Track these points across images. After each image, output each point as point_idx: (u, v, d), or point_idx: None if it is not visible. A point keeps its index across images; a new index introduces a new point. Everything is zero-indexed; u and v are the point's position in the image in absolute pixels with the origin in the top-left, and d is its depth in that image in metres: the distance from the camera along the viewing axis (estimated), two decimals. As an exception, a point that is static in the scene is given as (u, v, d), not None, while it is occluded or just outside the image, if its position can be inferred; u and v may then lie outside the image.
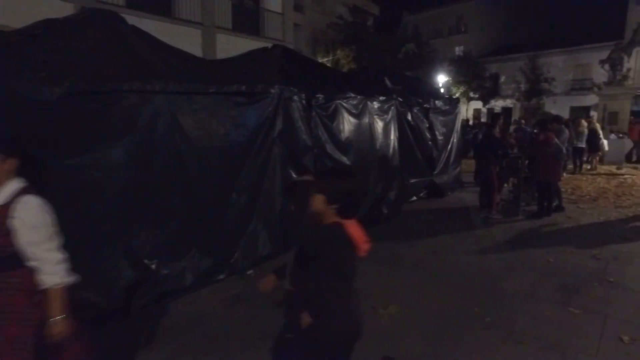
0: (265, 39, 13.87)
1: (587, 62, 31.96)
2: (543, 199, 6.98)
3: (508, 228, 6.48)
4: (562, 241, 5.76)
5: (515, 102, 35.11)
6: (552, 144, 6.74)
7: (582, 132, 11.62)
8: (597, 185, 10.00)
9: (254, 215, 5.07)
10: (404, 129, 7.86)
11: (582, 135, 11.66)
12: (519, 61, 34.00)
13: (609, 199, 8.53)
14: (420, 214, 7.53)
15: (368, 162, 6.85)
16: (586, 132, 11.74)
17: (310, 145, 5.78)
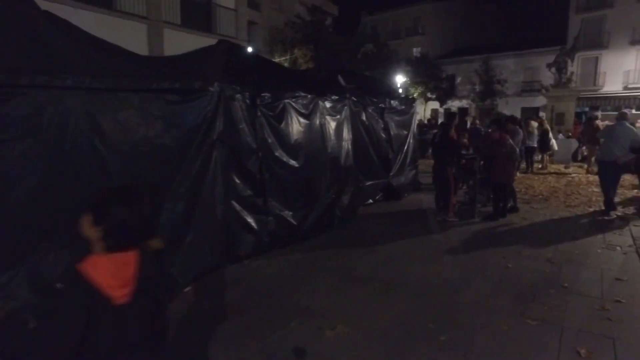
0: (217, 35, 13.25)
1: (535, 66, 33.29)
2: (498, 201, 6.88)
3: (465, 231, 6.31)
4: (517, 244, 5.63)
5: (471, 103, 36.05)
6: (506, 144, 6.64)
7: (532, 132, 11.83)
8: (548, 185, 10.16)
9: (192, 225, 4.57)
10: (358, 130, 7.57)
11: (533, 135, 11.88)
12: (473, 63, 34.95)
13: (560, 198, 8.62)
14: (376, 218, 7.27)
15: (320, 165, 6.49)
16: (537, 132, 11.99)
17: (255, 147, 5.35)
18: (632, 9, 30.71)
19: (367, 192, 7.93)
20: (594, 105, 30.80)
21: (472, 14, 44.54)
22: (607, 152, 7.48)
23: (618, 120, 7.74)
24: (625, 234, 6.10)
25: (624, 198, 8.32)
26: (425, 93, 35.85)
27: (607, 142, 7.51)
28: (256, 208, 5.41)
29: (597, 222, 6.81)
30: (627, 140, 7.31)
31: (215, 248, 4.81)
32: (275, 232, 5.61)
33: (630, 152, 7.36)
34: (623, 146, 7.31)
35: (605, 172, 7.60)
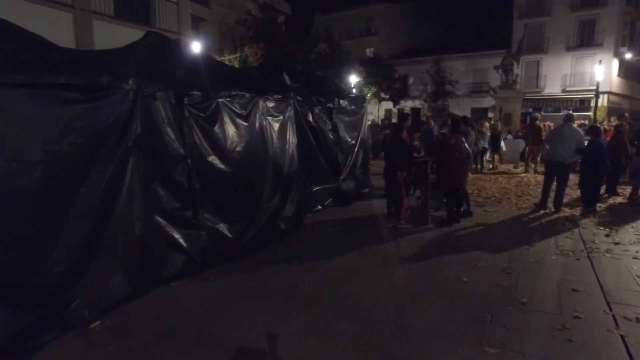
0: (157, 30, 12.25)
1: (484, 68, 34.27)
2: (452, 205, 6.57)
3: (418, 240, 5.94)
4: (473, 253, 5.31)
5: (423, 103, 36.60)
6: (462, 148, 6.33)
7: (485, 132, 11.84)
8: (500, 186, 10.11)
9: (101, 247, 3.84)
10: (303, 131, 7.04)
11: (485, 136, 11.89)
12: (425, 64, 35.53)
13: (512, 199, 8.52)
14: (324, 227, 6.77)
15: (260, 171, 5.90)
16: (489, 133, 12.01)
17: (183, 153, 4.68)
18: (566, 17, 32.48)
19: (315, 198, 7.42)
20: (537, 106, 32.17)
21: (423, 16, 45.36)
22: (554, 153, 7.43)
23: (565, 122, 7.72)
24: (575, 237, 5.96)
25: (570, 199, 8.32)
26: (379, 93, 36.03)
27: (554, 143, 7.45)
28: (185, 222, 4.74)
29: (548, 224, 6.67)
30: (573, 141, 7.28)
31: (133, 272, 4.11)
32: (209, 249, 4.96)
33: (576, 154, 7.34)
34: (570, 147, 7.27)
35: (551, 173, 7.55)
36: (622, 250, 5.35)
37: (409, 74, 38.55)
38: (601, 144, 7.51)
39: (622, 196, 8.79)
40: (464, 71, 35.83)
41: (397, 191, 6.39)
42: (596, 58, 30.89)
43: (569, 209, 7.58)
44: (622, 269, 4.73)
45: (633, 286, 4.26)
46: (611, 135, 9.74)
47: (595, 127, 8.16)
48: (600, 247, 5.46)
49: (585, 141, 7.72)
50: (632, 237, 5.91)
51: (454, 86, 33.91)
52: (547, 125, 24.32)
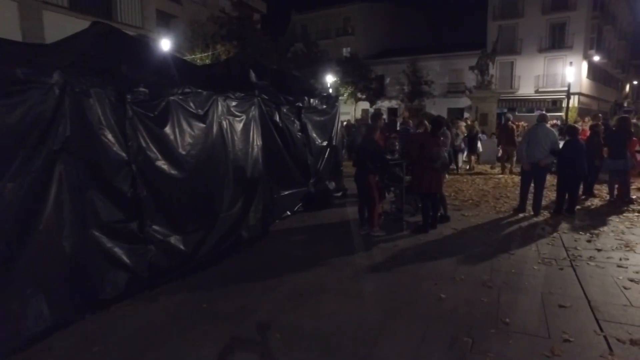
0: (118, 24, 11.49)
1: (459, 68, 34.40)
2: (427, 210, 6.17)
3: (391, 249, 5.51)
4: (450, 263, 4.92)
5: (400, 103, 36.51)
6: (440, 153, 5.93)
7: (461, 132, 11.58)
8: (477, 187, 9.82)
9: (16, 270, 3.25)
10: (269, 132, 6.54)
11: (460, 136, 11.62)
12: (401, 64, 35.46)
13: (490, 202, 8.21)
14: (292, 235, 6.28)
15: (220, 176, 5.36)
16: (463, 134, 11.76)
17: (126, 158, 4.11)
18: (538, 20, 32.98)
19: (283, 204, 6.92)
20: (511, 106, 32.50)
21: (399, 16, 45.39)
22: (529, 154, 7.14)
23: (539, 122, 7.44)
24: (557, 243, 5.64)
25: (548, 201, 8.07)
26: (355, 93, 35.75)
27: (528, 144, 7.16)
28: (130, 236, 4.17)
29: (528, 229, 6.35)
30: (548, 142, 7.02)
31: (60, 297, 3.53)
32: (158, 265, 4.40)
33: (551, 155, 7.07)
34: (544, 148, 7.00)
35: (528, 175, 7.27)
36: (605, 258, 5.04)
37: (386, 74, 38.42)
38: (580, 144, 7.27)
39: (598, 197, 8.60)
40: (440, 71, 35.93)
41: (369, 196, 5.95)
42: (567, 60, 31.41)
43: (548, 212, 7.30)
44: (608, 279, 4.41)
45: (621, 300, 3.92)
46: (587, 136, 9.56)
47: (573, 127, 7.91)
48: (582, 255, 5.14)
49: (562, 142, 7.49)
50: (614, 243, 5.63)
51: (430, 86, 33.95)
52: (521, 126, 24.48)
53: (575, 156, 6.97)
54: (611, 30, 38.52)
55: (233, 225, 5.55)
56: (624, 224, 6.53)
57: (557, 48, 32.86)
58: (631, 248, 5.39)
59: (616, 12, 39.50)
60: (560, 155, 7.09)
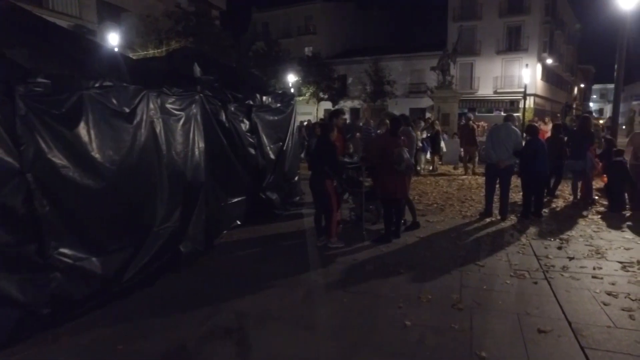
0: (51, 12, 10.35)
1: (421, 68, 34.59)
2: (390, 218, 5.64)
3: (350, 263, 4.92)
4: (416, 278, 4.39)
5: (362, 103, 36.31)
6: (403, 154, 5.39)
7: (422, 132, 11.23)
8: (442, 190, 9.45)
9: None
10: (214, 133, 5.81)
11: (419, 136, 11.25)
12: (364, 64, 35.26)
13: (455, 206, 7.81)
14: (240, 248, 5.58)
15: (149, 184, 4.60)
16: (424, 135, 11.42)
17: (18, 166, 3.29)
18: (495, 22, 33.74)
19: (231, 213, 6.20)
20: (471, 107, 33.01)
21: (362, 16, 45.33)
22: (491, 154, 6.79)
23: (505, 122, 7.11)
24: (527, 251, 5.25)
25: (515, 203, 7.77)
26: (318, 93, 35.28)
27: (493, 145, 6.79)
28: (23, 263, 3.35)
29: (496, 235, 5.95)
30: (510, 142, 6.68)
31: None
32: (67, 296, 3.60)
33: (513, 156, 6.73)
34: (507, 149, 6.67)
35: (493, 177, 6.91)
36: (578, 267, 4.67)
37: (348, 74, 38.15)
38: (541, 144, 6.97)
39: (562, 198, 8.42)
40: (402, 71, 36.04)
41: (326, 204, 5.35)
42: (523, 62, 32.29)
43: (514, 215, 6.96)
44: (585, 293, 4.00)
45: (603, 319, 3.50)
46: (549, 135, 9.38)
47: (533, 126, 7.63)
48: (555, 264, 4.75)
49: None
50: (584, 249, 5.30)
51: (393, 86, 33.97)
52: (481, 126, 24.73)
53: (537, 156, 6.66)
54: (561, 35, 40.04)
55: (169, 240, 4.79)
56: (590, 228, 6.27)
57: (513, 50, 33.68)
58: (602, 255, 5.07)
59: (564, 18, 41.10)
60: (522, 156, 6.76)
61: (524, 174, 6.83)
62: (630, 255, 5.03)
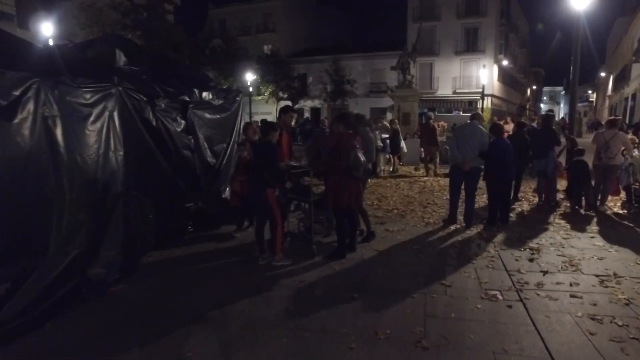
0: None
1: (381, 68, 34.43)
2: (344, 231, 4.93)
3: (296, 286, 4.17)
4: (372, 307, 3.68)
5: (323, 103, 35.75)
6: (355, 156, 4.69)
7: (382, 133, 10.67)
8: (402, 193, 8.87)
9: None
10: (138, 134, 4.91)
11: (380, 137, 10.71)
12: (324, 63, 34.67)
13: (417, 211, 7.22)
14: (168, 270, 4.70)
15: (44, 196, 3.65)
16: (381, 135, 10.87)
17: None
18: (454, 23, 34.13)
19: (161, 227, 5.28)
20: (431, 106, 33.15)
21: (322, 15, 44.77)
22: (456, 155, 6.25)
23: (471, 121, 6.61)
24: (497, 265, 4.68)
25: (480, 208, 7.29)
26: (277, 92, 34.38)
27: (458, 145, 6.26)
28: None
29: (463, 247, 5.38)
30: (477, 142, 6.15)
31: None
32: None
33: (478, 157, 6.21)
34: (473, 149, 6.13)
35: (457, 180, 6.37)
36: (554, 284, 4.14)
37: (308, 73, 37.47)
38: (507, 143, 6.49)
39: (526, 201, 8.04)
40: (363, 71, 35.76)
41: (269, 216, 4.57)
42: (480, 63, 32.82)
43: (480, 222, 6.44)
44: (567, 319, 3.44)
45: (590, 352, 2.94)
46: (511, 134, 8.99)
47: (498, 125, 7.18)
48: (529, 281, 4.20)
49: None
50: (557, 260, 4.81)
51: (353, 86, 33.58)
52: (441, 125, 24.65)
53: (503, 157, 6.18)
54: (515, 38, 41.18)
55: (71, 265, 3.84)
56: (559, 234, 5.83)
57: (471, 51, 34.14)
58: (577, 267, 4.58)
59: (517, 22, 42.34)
60: (487, 158, 6.25)
61: (490, 177, 6.33)
62: (605, 267, 4.57)
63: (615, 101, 37.50)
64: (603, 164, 6.93)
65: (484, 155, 6.21)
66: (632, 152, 7.20)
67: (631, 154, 7.17)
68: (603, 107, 49.18)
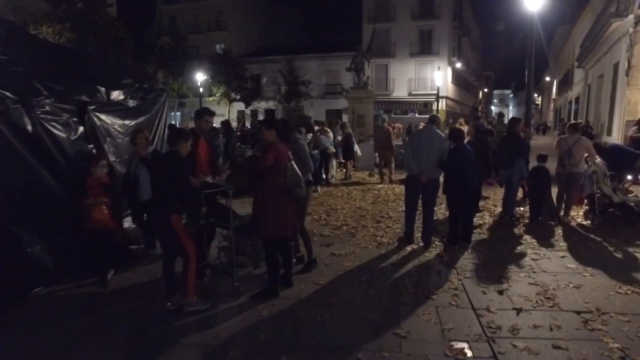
0: None
1: (336, 69, 33.84)
2: (276, 263, 3.97)
3: (209, 345, 3.16)
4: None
5: (277, 104, 34.66)
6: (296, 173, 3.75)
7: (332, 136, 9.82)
8: (354, 205, 8.02)
9: None
10: (7, 146, 3.72)
11: (329, 140, 9.85)
12: (278, 63, 33.60)
13: (368, 227, 6.38)
14: (45, 319, 3.55)
15: None
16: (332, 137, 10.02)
17: None
18: (408, 25, 34.14)
19: (48, 264, 4.11)
20: (387, 108, 32.91)
21: (276, 14, 43.69)
22: (412, 165, 5.45)
23: (427, 125, 5.85)
24: (462, 301, 3.88)
25: (439, 221, 6.55)
26: (229, 93, 32.92)
27: (412, 152, 5.47)
28: None
29: (421, 275, 4.55)
30: (436, 150, 5.39)
31: None
32: None
33: (437, 167, 5.46)
34: (431, 158, 5.36)
35: (414, 193, 5.57)
36: (531, 327, 3.38)
37: (262, 73, 36.27)
38: (468, 151, 5.77)
39: (487, 211, 7.41)
40: (318, 72, 35.01)
41: (178, 250, 3.53)
42: (435, 65, 32.96)
43: (440, 240, 5.67)
44: (553, 383, 2.66)
45: None
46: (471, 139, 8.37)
47: (458, 130, 6.48)
48: (501, 324, 3.42)
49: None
50: (530, 291, 4.09)
51: (308, 87, 32.71)
52: (397, 127, 24.23)
53: (464, 166, 5.46)
54: (467, 41, 41.98)
55: None
56: (528, 255, 5.14)
57: (426, 53, 34.26)
58: (553, 300, 3.85)
59: (469, 25, 43.22)
60: (447, 167, 5.50)
61: (450, 190, 5.58)
62: (585, 299, 3.88)
63: (559, 104, 39.02)
64: (567, 171, 6.39)
65: (444, 164, 5.47)
66: (595, 158, 6.71)
67: (594, 160, 6.69)
68: (548, 109, 51.37)
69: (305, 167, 4.13)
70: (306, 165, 4.20)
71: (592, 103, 20.54)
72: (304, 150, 4.26)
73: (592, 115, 19.93)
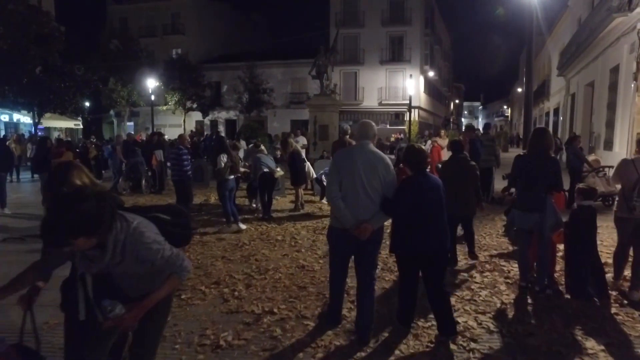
0: None
1: (302, 77, 31.35)
2: None
3: None
4: None
5: (239, 114, 31.84)
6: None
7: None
8: (297, 258, 5.31)
9: None
10: None
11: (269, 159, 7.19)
12: (240, 70, 30.86)
13: (307, 317, 3.69)
14: None
15: None
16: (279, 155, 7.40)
17: None
18: (378, 32, 32.15)
19: None
20: (356, 119, 30.63)
21: (238, 19, 41.05)
22: (343, 211, 2.96)
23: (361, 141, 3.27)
24: None
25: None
26: (184, 101, 29.89)
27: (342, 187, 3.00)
28: None
29: None
30: (378, 184, 2.93)
31: None
32: None
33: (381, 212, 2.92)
34: (372, 200, 2.93)
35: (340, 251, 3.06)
36: None
37: (223, 81, 33.41)
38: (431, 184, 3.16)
39: (502, 276, 4.92)
40: (282, 80, 32.47)
41: None
42: (406, 73, 31.02)
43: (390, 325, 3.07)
44: None
45: None
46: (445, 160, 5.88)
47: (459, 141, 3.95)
48: None
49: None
50: None
51: (271, 95, 30.07)
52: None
53: (425, 210, 2.99)
54: (439, 50, 40.48)
55: None
56: None
57: (397, 61, 32.34)
58: None
59: (441, 34, 41.84)
60: (395, 212, 3.08)
61: (401, 250, 3.10)
62: None
63: (534, 115, 37.86)
64: (636, 217, 3.89)
65: (390, 206, 2.97)
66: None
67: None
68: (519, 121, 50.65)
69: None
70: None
71: (579, 113, 18.77)
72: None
73: (578, 127, 18.13)
